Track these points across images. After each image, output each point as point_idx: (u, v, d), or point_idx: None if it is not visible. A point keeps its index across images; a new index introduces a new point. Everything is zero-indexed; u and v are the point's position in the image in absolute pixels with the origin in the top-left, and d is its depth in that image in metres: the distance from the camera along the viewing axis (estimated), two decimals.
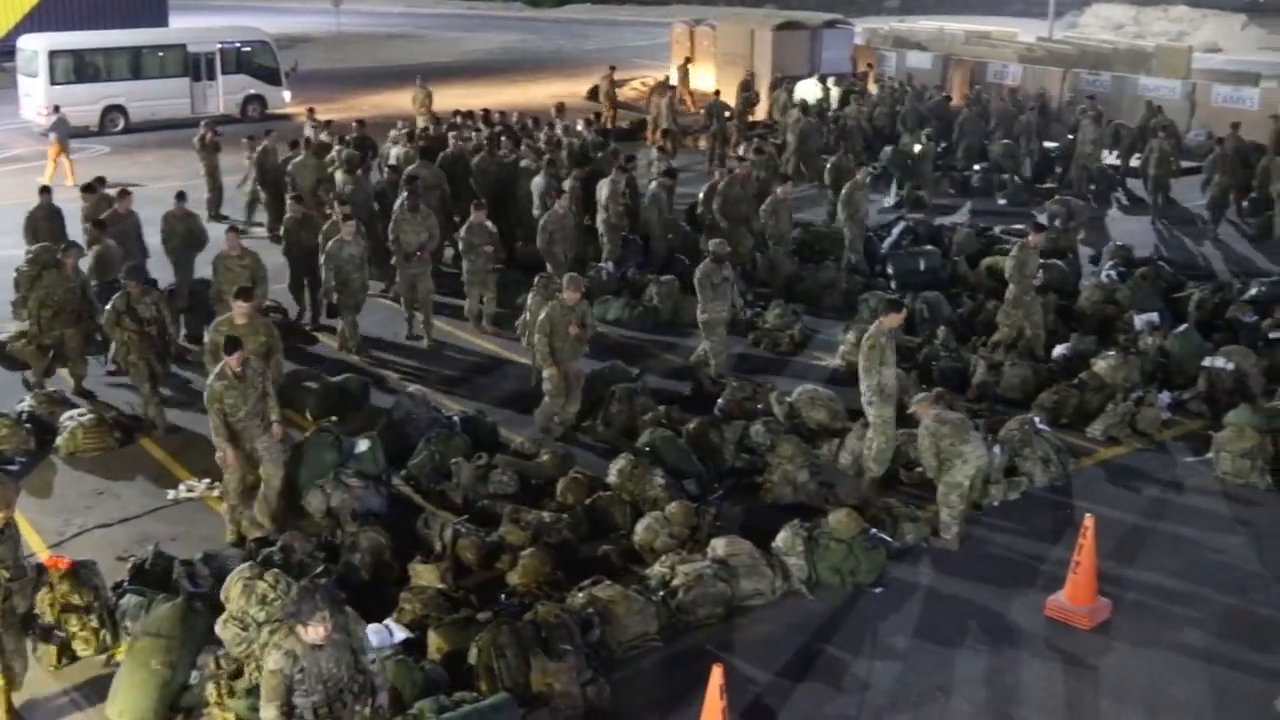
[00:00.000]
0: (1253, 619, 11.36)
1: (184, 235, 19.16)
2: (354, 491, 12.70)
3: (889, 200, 27.29)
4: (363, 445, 13.27)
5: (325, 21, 70.91)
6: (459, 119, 28.97)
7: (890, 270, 20.85)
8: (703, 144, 33.16)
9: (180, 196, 19.87)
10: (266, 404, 12.24)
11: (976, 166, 30.46)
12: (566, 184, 21.51)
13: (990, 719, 9.86)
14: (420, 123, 31.26)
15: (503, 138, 26.12)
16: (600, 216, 21.32)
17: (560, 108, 30.78)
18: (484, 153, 23.46)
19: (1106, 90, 36.91)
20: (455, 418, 14.57)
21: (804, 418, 14.89)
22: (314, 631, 7.44)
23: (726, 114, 33.05)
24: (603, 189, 21.31)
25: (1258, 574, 12.17)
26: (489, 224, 18.69)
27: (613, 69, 39.24)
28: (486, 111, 29.96)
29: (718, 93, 34.44)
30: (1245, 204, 26.58)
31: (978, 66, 40.65)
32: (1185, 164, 29.10)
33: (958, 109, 33.68)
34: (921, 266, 20.76)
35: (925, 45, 46.60)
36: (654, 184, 21.89)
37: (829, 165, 25.47)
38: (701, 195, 21.74)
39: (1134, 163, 29.76)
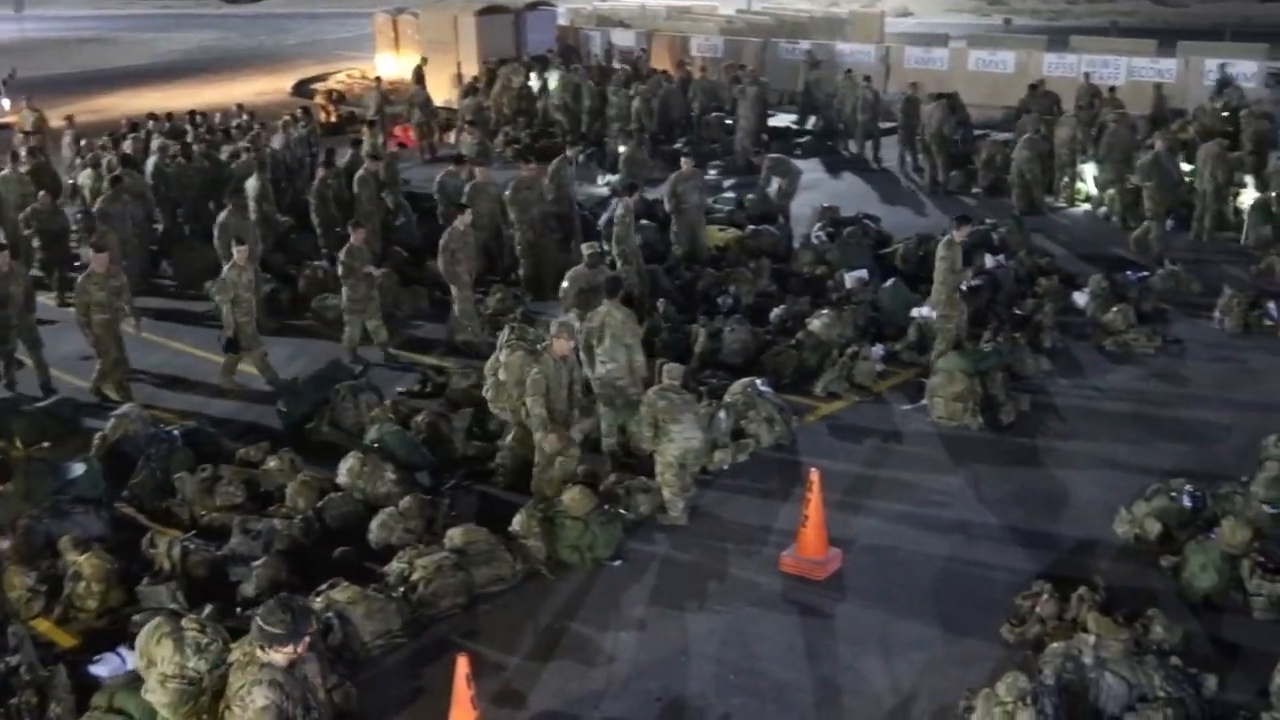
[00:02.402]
0: (975, 554, 11.90)
1: None
2: (73, 518, 12.17)
3: (601, 179, 27.44)
4: (78, 469, 12.76)
5: (5, 28, 67.54)
6: (152, 124, 27.77)
7: (607, 246, 20.94)
8: (412, 135, 32.80)
9: None
10: None
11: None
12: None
13: (734, 675, 10.07)
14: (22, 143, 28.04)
15: (205, 143, 25.41)
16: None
17: (240, 108, 30.10)
18: (179, 160, 22.75)
19: (805, 58, 37.94)
20: (175, 431, 14.07)
21: None
22: (298, 647, 7.06)
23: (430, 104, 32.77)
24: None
25: (976, 511, 12.76)
26: (367, 246, 17.38)
27: (381, 81, 38.30)
28: (191, 114, 29.03)
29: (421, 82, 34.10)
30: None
31: (681, 41, 41.31)
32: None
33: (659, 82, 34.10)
34: (639, 241, 20.94)
35: (628, 23, 47.13)
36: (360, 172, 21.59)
37: (623, 157, 24.78)
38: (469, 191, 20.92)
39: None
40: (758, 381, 14.82)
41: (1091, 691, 9.41)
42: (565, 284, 15.55)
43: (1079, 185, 25.36)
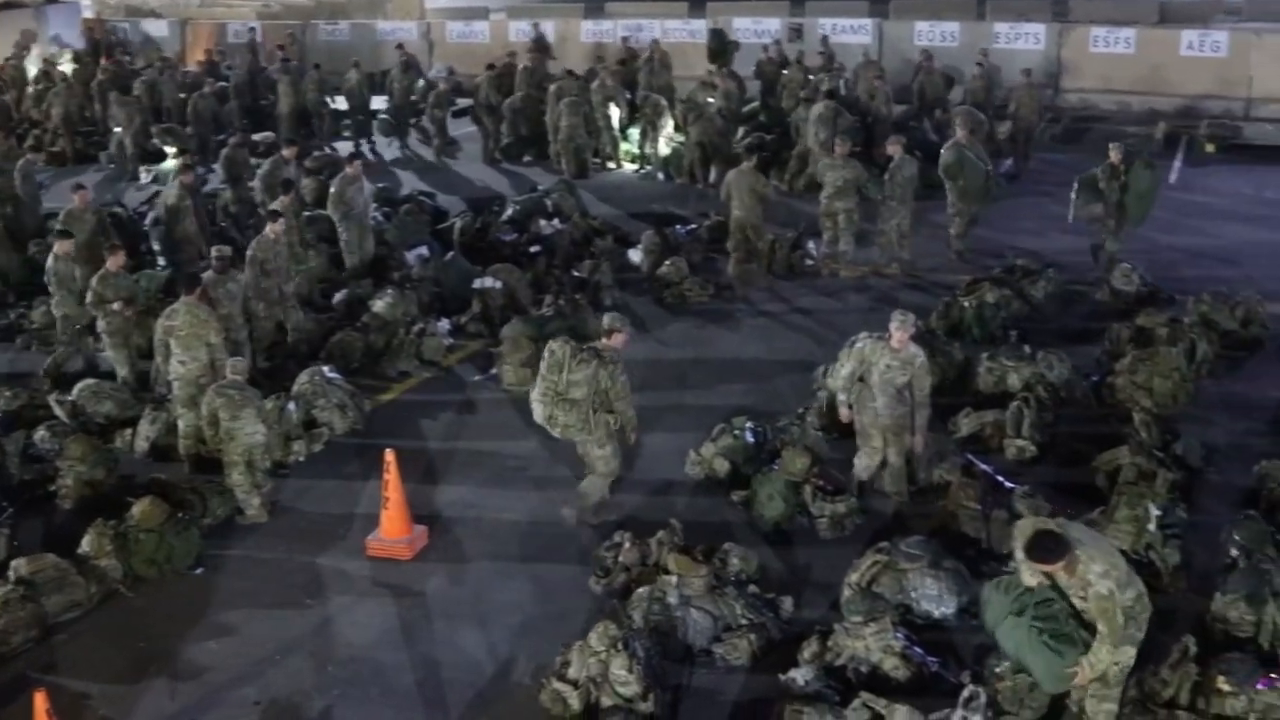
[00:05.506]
0: (557, 513, 12.17)
1: None
2: None
3: (146, 176, 26.31)
4: None
5: None
6: None
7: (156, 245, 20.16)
8: None
9: None
10: None
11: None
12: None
13: (332, 667, 10.01)
14: None
15: None
16: None
17: None
18: None
19: (346, 38, 37.54)
20: None
21: (90, 413, 14.25)
22: None
23: None
24: None
25: (554, 470, 13.08)
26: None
27: None
28: None
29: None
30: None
31: (218, 29, 40.04)
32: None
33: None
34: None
35: (160, 12, 45.25)
36: None
37: (223, 156, 22.90)
38: None
39: None
40: (325, 369, 14.68)
41: (680, 629, 9.93)
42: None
43: (625, 147, 26.21)
